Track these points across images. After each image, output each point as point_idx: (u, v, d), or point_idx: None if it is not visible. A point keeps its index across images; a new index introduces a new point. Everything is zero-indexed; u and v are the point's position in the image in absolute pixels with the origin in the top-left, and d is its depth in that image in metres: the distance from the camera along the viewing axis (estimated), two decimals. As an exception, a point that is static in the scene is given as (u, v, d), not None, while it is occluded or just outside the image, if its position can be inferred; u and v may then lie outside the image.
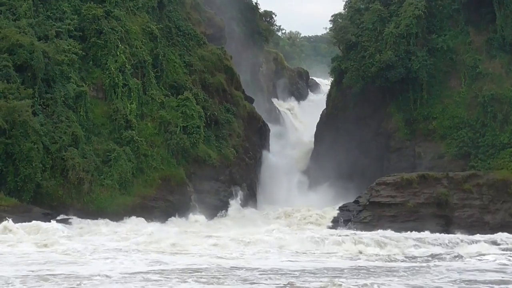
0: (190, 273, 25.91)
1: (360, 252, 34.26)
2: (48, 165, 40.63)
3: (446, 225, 43.68)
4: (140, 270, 26.15)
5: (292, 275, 26.19)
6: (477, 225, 43.74)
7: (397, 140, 53.18)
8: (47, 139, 40.95)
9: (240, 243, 34.93)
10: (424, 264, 30.69)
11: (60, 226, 36.87)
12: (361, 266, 29.60)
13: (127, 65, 46.84)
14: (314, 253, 33.80)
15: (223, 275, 25.61)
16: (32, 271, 25.30)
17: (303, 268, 28.30)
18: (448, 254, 34.56)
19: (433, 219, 44.06)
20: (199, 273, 25.84)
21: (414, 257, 33.57)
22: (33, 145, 39.45)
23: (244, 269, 27.46)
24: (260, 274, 26.18)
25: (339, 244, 35.51)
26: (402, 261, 32.15)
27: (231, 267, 27.86)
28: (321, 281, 24.36)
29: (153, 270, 26.28)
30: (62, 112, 42.56)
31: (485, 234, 41.35)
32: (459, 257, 33.47)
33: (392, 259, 32.84)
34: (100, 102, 45.99)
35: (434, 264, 30.69)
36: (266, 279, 25.11)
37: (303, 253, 33.61)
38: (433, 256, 33.96)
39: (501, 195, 44.96)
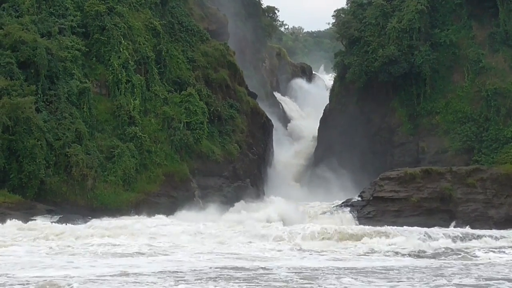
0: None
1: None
2: (51, 162, 40.71)
3: (450, 220, 43.62)
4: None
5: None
6: (481, 219, 43.67)
7: (401, 135, 53.19)
8: (51, 136, 41.01)
9: None
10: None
11: None
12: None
13: (130, 61, 46.86)
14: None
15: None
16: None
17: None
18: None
19: (437, 214, 43.99)
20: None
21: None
22: (37, 141, 39.50)
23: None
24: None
25: None
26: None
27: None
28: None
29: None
30: (66, 109, 42.60)
31: (489, 229, 41.40)
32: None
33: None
34: (103, 98, 46.06)
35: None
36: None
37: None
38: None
39: (505, 190, 44.86)
